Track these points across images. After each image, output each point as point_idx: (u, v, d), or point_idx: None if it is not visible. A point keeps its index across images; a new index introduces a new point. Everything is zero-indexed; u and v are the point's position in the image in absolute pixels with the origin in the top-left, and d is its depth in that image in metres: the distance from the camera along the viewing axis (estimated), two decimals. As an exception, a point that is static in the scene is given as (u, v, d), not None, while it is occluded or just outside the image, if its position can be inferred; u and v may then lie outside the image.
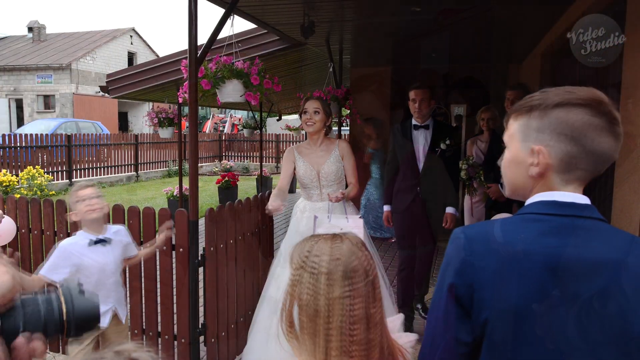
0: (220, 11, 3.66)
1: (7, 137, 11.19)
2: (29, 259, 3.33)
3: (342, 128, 6.72)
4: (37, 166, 9.84)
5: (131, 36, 27.47)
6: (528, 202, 0.99)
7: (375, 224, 6.71)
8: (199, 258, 2.94)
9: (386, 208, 3.80)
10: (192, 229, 2.88)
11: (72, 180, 12.03)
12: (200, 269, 2.99)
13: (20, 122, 22.87)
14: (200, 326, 3.01)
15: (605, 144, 0.93)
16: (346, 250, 1.02)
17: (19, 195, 3.45)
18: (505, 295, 0.90)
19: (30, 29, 27.26)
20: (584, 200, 0.96)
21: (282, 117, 13.71)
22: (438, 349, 0.98)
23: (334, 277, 0.98)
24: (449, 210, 3.67)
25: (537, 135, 0.95)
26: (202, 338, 3.04)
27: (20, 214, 3.31)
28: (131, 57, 27.34)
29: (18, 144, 11.26)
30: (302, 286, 1.00)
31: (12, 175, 8.87)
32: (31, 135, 11.67)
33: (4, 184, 8.50)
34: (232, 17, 3.55)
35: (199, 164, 16.05)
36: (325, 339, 0.97)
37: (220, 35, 3.44)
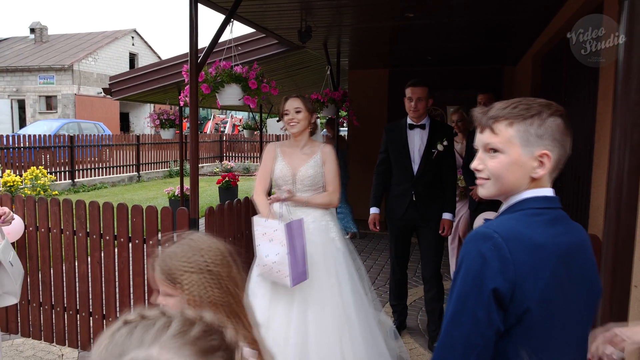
0: (220, 16, 3.80)
1: (10, 138, 11.34)
2: (36, 255, 3.46)
3: (340, 129, 6.86)
4: (40, 166, 9.97)
5: (133, 37, 27.61)
6: (519, 198, 1.10)
7: None
8: (200, 254, 3.07)
9: (373, 211, 3.56)
10: (192, 227, 3.01)
11: (75, 180, 12.17)
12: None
13: (23, 122, 23.02)
14: (200, 320, 3.14)
15: (570, 145, 1.12)
16: (207, 238, 1.23)
17: (25, 195, 3.59)
18: (538, 283, 1.01)
19: (32, 30, 27.42)
20: (554, 192, 1.14)
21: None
22: (477, 347, 1.01)
23: (223, 259, 1.20)
24: (446, 216, 3.39)
25: (539, 141, 1.07)
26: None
27: (28, 212, 3.45)
28: (133, 58, 27.48)
29: (21, 145, 11.41)
30: (204, 286, 1.16)
31: (16, 176, 9.01)
32: (34, 135, 11.82)
33: (8, 184, 8.64)
34: (231, 23, 3.69)
35: (200, 165, 16.18)
36: (240, 308, 1.19)
37: (220, 39, 3.57)
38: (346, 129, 8.57)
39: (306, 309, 2.58)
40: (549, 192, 1.11)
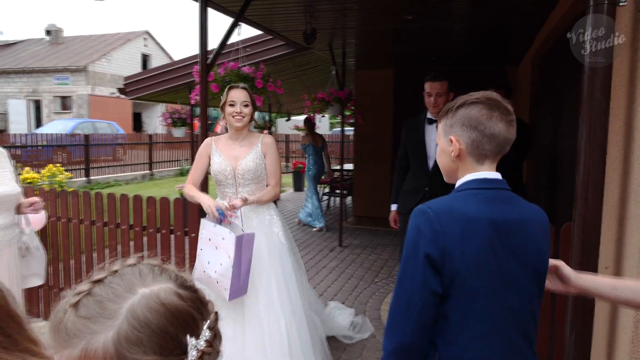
0: (229, 18, 4.02)
1: (29, 137, 11.74)
2: (57, 244, 3.71)
3: (345, 128, 7.04)
4: (57, 164, 10.31)
5: (145, 39, 28.06)
6: (462, 181, 1.30)
7: None
8: (209, 243, 3.29)
9: (393, 207, 3.52)
10: (201, 217, 3.23)
11: (90, 178, 12.52)
12: (210, 253, 3.34)
13: (39, 122, 23.56)
14: (209, 304, 3.35)
15: (497, 127, 1.26)
16: None
17: (49, 187, 3.84)
18: (468, 251, 1.19)
19: (48, 32, 28.01)
20: (499, 176, 1.31)
21: (291, 118, 14.09)
22: (417, 306, 1.17)
23: None
24: None
25: (451, 130, 1.30)
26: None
27: (51, 204, 3.69)
28: (145, 59, 27.93)
29: (38, 143, 11.80)
30: None
31: (34, 173, 9.35)
32: (50, 135, 12.20)
33: (27, 181, 8.97)
34: (239, 25, 3.90)
35: (211, 163, 16.40)
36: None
37: (229, 41, 3.79)
38: (352, 128, 8.72)
39: (257, 300, 2.59)
40: (489, 174, 1.28)
